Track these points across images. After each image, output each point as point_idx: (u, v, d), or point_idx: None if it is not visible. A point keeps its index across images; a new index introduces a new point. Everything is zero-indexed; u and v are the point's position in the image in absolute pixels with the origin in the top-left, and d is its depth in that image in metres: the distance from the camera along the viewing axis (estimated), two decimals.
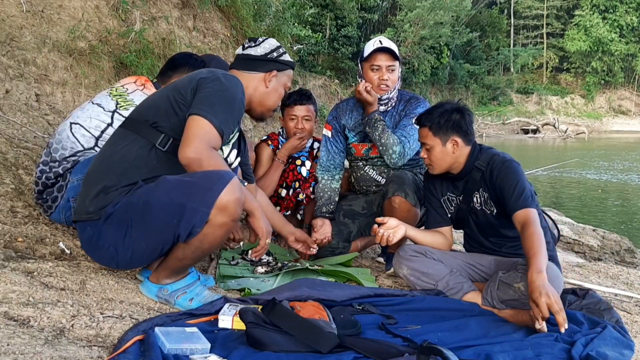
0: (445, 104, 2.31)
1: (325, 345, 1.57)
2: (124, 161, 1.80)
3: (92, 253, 1.88)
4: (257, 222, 1.87)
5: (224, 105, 1.81)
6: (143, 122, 1.85)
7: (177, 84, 1.90)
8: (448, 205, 2.41)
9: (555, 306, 1.77)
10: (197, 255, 1.82)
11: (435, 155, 2.28)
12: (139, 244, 1.75)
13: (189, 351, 1.45)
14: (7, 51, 3.46)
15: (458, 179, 2.34)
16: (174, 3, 5.37)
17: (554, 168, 12.71)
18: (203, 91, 1.81)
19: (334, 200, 2.91)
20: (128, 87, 2.47)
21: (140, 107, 1.95)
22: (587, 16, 36.44)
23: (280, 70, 2.13)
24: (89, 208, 1.78)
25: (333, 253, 2.77)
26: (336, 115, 2.94)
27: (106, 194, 1.76)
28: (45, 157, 2.33)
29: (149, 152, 1.81)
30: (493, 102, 33.18)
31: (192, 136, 1.73)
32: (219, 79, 1.85)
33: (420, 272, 2.26)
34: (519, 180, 2.16)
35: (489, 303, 2.13)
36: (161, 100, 1.87)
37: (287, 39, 7.80)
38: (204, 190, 1.67)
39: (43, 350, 1.29)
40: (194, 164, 1.71)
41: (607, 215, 8.06)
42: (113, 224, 1.75)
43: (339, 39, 20.54)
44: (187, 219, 1.67)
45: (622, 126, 34.61)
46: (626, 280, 3.13)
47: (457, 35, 26.19)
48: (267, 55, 2.11)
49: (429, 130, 2.27)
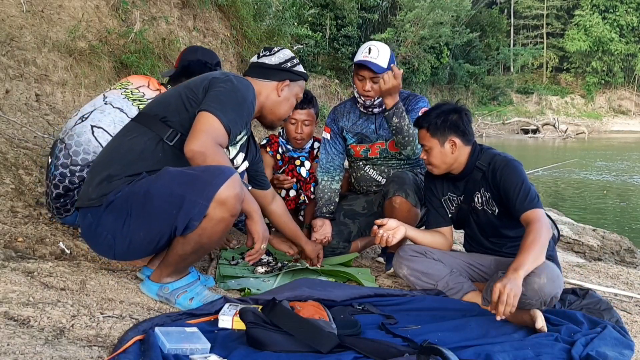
0: (443, 105, 2.32)
1: (325, 345, 1.57)
2: (131, 152, 1.83)
3: (90, 241, 1.89)
4: (254, 225, 1.87)
5: (233, 105, 1.85)
6: (153, 117, 1.88)
7: (189, 82, 1.96)
8: (449, 205, 2.41)
9: (504, 297, 1.80)
10: (197, 251, 1.81)
11: (434, 156, 2.28)
12: (137, 234, 1.76)
13: (189, 351, 1.45)
14: (7, 51, 3.46)
15: (459, 179, 2.34)
16: (174, 3, 5.37)
17: (554, 168, 12.71)
18: (214, 90, 1.86)
19: (334, 200, 2.91)
20: (145, 92, 2.45)
21: (152, 102, 1.99)
22: (587, 16, 36.43)
23: (293, 81, 2.16)
24: (92, 195, 1.79)
25: (333, 253, 2.77)
26: (334, 118, 2.95)
27: (109, 182, 1.78)
28: (64, 159, 2.24)
29: (156, 145, 1.84)
30: (493, 102, 33.18)
31: (199, 131, 1.75)
32: (231, 80, 1.91)
33: (420, 272, 2.27)
34: (524, 181, 2.17)
35: (489, 303, 2.13)
36: (173, 97, 1.92)
37: (287, 38, 7.80)
38: (203, 183, 1.67)
39: (43, 350, 1.29)
40: (198, 157, 1.73)
41: (607, 216, 8.06)
42: (113, 212, 1.76)
43: (339, 39, 20.55)
44: (186, 211, 1.68)
45: (622, 126, 34.62)
46: (626, 280, 3.13)
47: (457, 35, 26.17)
48: (280, 65, 2.14)
49: (426, 131, 2.27)
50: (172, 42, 4.97)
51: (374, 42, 2.77)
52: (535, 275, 2.00)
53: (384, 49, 2.71)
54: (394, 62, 2.76)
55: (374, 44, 2.74)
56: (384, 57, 2.68)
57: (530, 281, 2.00)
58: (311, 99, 2.96)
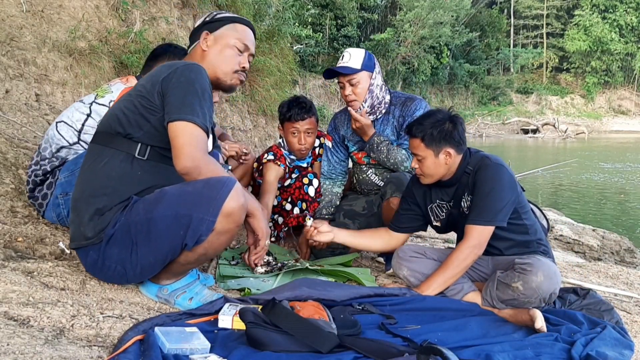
0: (437, 113, 2.25)
1: (325, 345, 1.57)
2: (110, 179, 1.76)
3: (99, 275, 1.85)
4: (258, 223, 1.86)
5: (197, 100, 1.73)
6: (115, 135, 1.79)
7: (139, 89, 1.82)
8: (438, 212, 2.38)
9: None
10: (199, 259, 1.82)
11: (427, 166, 2.23)
12: (146, 259, 1.74)
13: (189, 351, 1.45)
14: (7, 51, 3.46)
15: (449, 186, 2.31)
16: (174, 3, 5.37)
17: (554, 168, 12.71)
18: (171, 92, 1.74)
19: (335, 203, 2.94)
20: (116, 88, 2.50)
21: (107, 118, 1.86)
22: (586, 16, 36.45)
23: (212, 31, 1.97)
24: (87, 233, 1.75)
25: (333, 253, 2.77)
26: (335, 127, 2.97)
27: (101, 215, 1.74)
28: (35, 157, 2.40)
29: (131, 164, 1.78)
30: (493, 102, 33.21)
31: (182, 145, 1.68)
32: (181, 73, 1.76)
33: (421, 273, 2.26)
34: (491, 191, 2.14)
35: (489, 303, 2.13)
36: (127, 109, 1.79)
37: (287, 38, 7.79)
38: (208, 199, 1.65)
39: (43, 350, 1.29)
40: (193, 172, 1.68)
41: (607, 216, 8.06)
42: (116, 245, 1.73)
43: (339, 39, 20.57)
44: (194, 229, 1.66)
45: (622, 126, 34.64)
46: (626, 280, 3.13)
47: (457, 35, 26.20)
48: (200, 26, 2.00)
49: (421, 141, 2.20)
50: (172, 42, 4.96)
51: (350, 49, 2.81)
52: (532, 274, 2.01)
53: (356, 53, 2.73)
54: (375, 64, 2.76)
55: (349, 50, 2.78)
56: (357, 59, 2.70)
57: (528, 280, 2.01)
58: (310, 107, 2.89)
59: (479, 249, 2.16)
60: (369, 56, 2.73)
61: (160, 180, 1.79)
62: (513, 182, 2.19)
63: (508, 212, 2.16)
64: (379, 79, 2.75)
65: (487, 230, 2.15)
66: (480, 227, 2.14)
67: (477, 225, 2.15)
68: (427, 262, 2.29)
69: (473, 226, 2.15)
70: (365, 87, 2.71)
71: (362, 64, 2.69)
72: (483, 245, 2.16)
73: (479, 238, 2.15)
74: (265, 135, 6.33)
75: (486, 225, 2.14)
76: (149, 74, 1.88)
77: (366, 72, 2.70)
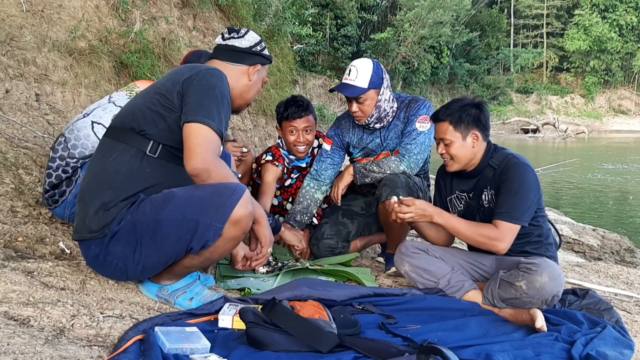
0: (463, 99, 2.30)
1: (325, 345, 1.57)
2: (118, 174, 1.77)
3: (99, 269, 1.86)
4: (263, 230, 1.85)
5: (215, 105, 1.76)
6: (129, 130, 1.80)
7: (158, 87, 1.84)
8: (456, 203, 2.40)
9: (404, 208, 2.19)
10: (203, 263, 1.83)
11: (455, 149, 2.24)
12: (149, 259, 1.75)
13: (189, 351, 1.46)
14: (7, 51, 3.46)
15: (471, 177, 2.33)
16: (174, 3, 5.36)
17: (554, 168, 12.71)
18: (191, 93, 1.76)
19: (312, 211, 2.86)
20: (141, 86, 2.47)
21: (122, 113, 1.88)
22: (586, 15, 36.45)
23: (263, 65, 2.09)
24: (92, 227, 1.75)
25: (333, 253, 2.77)
26: (339, 133, 2.90)
27: (106, 210, 1.74)
28: (62, 151, 2.28)
29: (141, 161, 1.78)
30: (493, 102, 33.18)
31: (195, 146, 1.69)
32: (203, 76, 1.80)
33: (422, 269, 2.26)
34: (519, 190, 2.15)
35: (489, 302, 2.13)
36: (144, 106, 1.81)
37: (287, 38, 7.78)
38: (217, 206, 1.66)
39: (43, 350, 1.29)
40: (203, 174, 1.69)
41: (607, 215, 8.06)
42: (120, 241, 1.73)
43: (339, 38, 20.57)
44: (201, 234, 1.67)
45: (622, 126, 34.64)
46: (626, 280, 3.13)
47: (457, 34, 26.21)
48: (251, 48, 2.05)
49: (449, 124, 2.23)
50: (172, 42, 4.96)
51: (356, 62, 2.68)
52: (537, 274, 2.00)
53: (363, 68, 2.61)
54: (383, 77, 2.64)
55: (355, 64, 2.66)
56: (364, 76, 2.59)
57: (532, 279, 2.00)
58: (307, 105, 2.87)
59: (501, 245, 2.13)
60: (376, 70, 2.62)
61: (168, 180, 1.79)
62: (538, 183, 2.22)
63: (532, 213, 2.18)
64: (386, 93, 2.67)
65: (516, 229, 2.14)
66: (509, 224, 2.13)
67: (507, 222, 2.13)
68: (429, 259, 2.29)
69: (503, 222, 2.13)
70: (373, 104, 2.64)
71: (369, 82, 2.59)
72: (508, 243, 2.14)
73: (510, 235, 2.13)
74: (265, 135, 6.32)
75: (515, 224, 2.14)
76: (169, 73, 1.91)
77: (374, 89, 2.62)
